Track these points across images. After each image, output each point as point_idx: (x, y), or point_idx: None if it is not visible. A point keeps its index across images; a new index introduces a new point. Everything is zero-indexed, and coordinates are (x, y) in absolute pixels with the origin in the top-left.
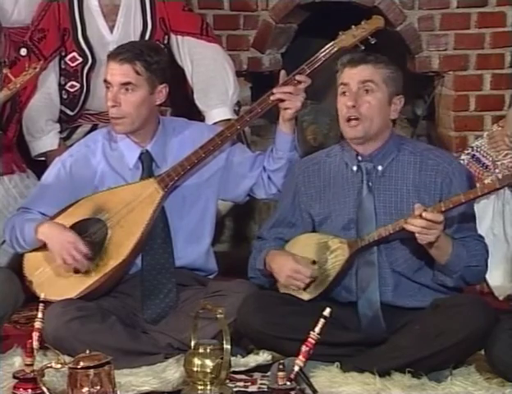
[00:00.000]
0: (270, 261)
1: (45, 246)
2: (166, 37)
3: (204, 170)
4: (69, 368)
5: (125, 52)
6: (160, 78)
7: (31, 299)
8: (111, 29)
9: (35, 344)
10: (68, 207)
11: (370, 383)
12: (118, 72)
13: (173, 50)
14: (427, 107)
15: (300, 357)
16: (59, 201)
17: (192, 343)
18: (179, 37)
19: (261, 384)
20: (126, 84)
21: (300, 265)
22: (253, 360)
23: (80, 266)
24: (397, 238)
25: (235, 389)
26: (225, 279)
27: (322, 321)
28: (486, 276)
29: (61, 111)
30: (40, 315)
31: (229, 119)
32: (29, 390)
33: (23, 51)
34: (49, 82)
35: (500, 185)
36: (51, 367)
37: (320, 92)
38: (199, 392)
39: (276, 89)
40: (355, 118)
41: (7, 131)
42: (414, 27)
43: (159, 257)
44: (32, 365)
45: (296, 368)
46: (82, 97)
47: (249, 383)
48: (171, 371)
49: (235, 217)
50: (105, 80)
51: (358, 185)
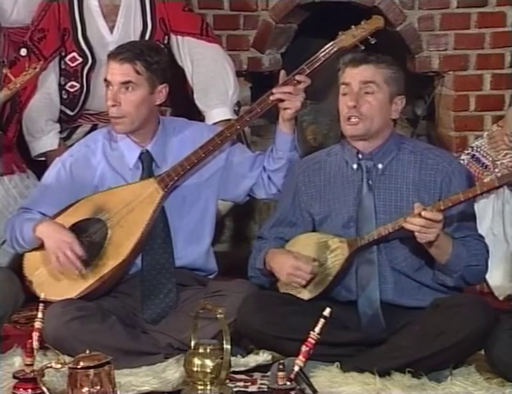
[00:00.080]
0: (270, 260)
1: (44, 246)
2: (166, 37)
3: (204, 170)
4: (69, 368)
5: (125, 51)
6: (160, 78)
7: (31, 299)
8: (111, 29)
9: (35, 344)
10: (68, 207)
11: (370, 383)
12: (118, 72)
13: (173, 50)
14: (427, 107)
15: (300, 357)
16: (59, 201)
17: (192, 343)
18: (179, 37)
19: (261, 384)
20: (126, 83)
21: (301, 262)
22: (253, 360)
23: (73, 267)
24: (397, 237)
25: (235, 389)
26: (225, 279)
27: (322, 321)
28: (486, 276)
29: (61, 111)
30: (40, 315)
31: (229, 119)
32: (29, 390)
33: (23, 51)
34: (49, 82)
35: (499, 183)
36: (51, 367)
37: (320, 92)
38: (199, 392)
39: (275, 89)
40: (356, 117)
41: (7, 131)
42: (414, 27)
43: (159, 257)
44: (32, 365)
45: (296, 368)
46: (82, 97)
47: (249, 383)
48: (171, 371)
49: (235, 217)
50: (105, 80)
51: (358, 183)
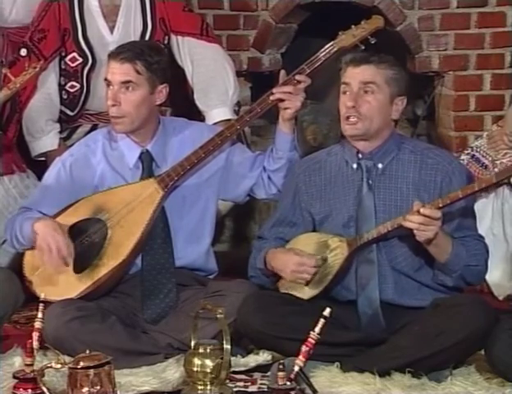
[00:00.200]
0: (271, 259)
1: None
2: (166, 37)
3: (204, 170)
4: (69, 368)
5: (125, 51)
6: (160, 78)
7: (31, 299)
8: (111, 29)
9: (35, 344)
10: (68, 207)
11: (370, 383)
12: (118, 71)
13: (173, 50)
14: (427, 107)
15: (300, 357)
16: (60, 201)
17: (192, 343)
18: (179, 37)
19: (261, 384)
20: (126, 82)
21: (304, 257)
22: (253, 360)
23: (53, 265)
24: (396, 236)
25: (235, 389)
26: (225, 279)
27: (322, 321)
28: (486, 276)
29: (61, 111)
30: (40, 315)
31: (229, 119)
32: (29, 390)
33: (23, 51)
34: (49, 82)
35: (497, 179)
36: (51, 367)
37: (320, 92)
38: (199, 392)
39: (275, 89)
40: (355, 117)
41: (7, 131)
42: (414, 27)
43: (159, 257)
44: (32, 365)
45: (296, 368)
46: (82, 97)
47: (249, 383)
48: (171, 371)
49: (235, 217)
50: (105, 79)
51: (358, 182)
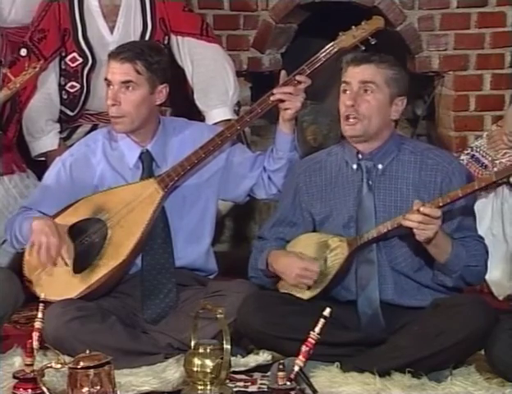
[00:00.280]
0: (273, 262)
1: None
2: (166, 37)
3: (204, 170)
4: (69, 368)
5: (126, 51)
6: (160, 78)
7: (31, 299)
8: (111, 29)
9: (35, 344)
10: (68, 207)
11: (370, 383)
12: (119, 71)
13: (173, 50)
14: (427, 107)
15: (300, 357)
16: (59, 201)
17: (192, 343)
18: (179, 37)
19: (261, 384)
20: (127, 82)
21: (307, 262)
22: (253, 360)
23: (40, 263)
24: (396, 236)
25: (235, 389)
26: (225, 279)
27: (322, 321)
28: (485, 276)
29: (61, 111)
30: (40, 315)
31: (229, 119)
32: (29, 390)
33: (23, 51)
34: (49, 82)
35: (497, 178)
36: (51, 367)
37: (320, 92)
38: (199, 392)
39: (276, 90)
40: (354, 117)
41: (7, 131)
42: (414, 27)
43: (159, 257)
44: (32, 365)
45: (296, 368)
46: (82, 97)
47: (249, 383)
48: (171, 371)
49: (235, 217)
50: (106, 79)
51: (358, 183)
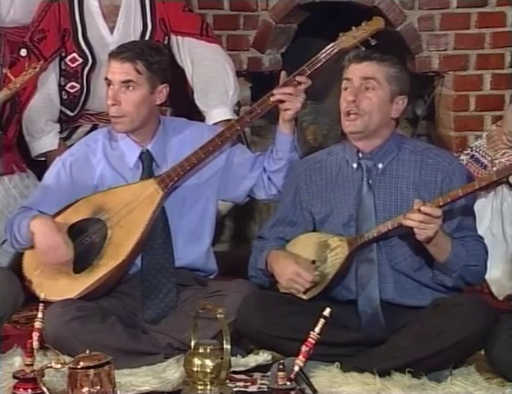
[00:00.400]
0: (272, 262)
1: None
2: (166, 38)
3: (204, 170)
4: (69, 368)
5: (126, 51)
6: (161, 78)
7: (31, 299)
8: (111, 30)
9: (35, 344)
10: (68, 207)
11: (370, 383)
12: (119, 71)
13: (173, 50)
14: (427, 107)
15: (300, 357)
16: (60, 201)
17: (192, 343)
18: (179, 37)
19: (261, 384)
20: (127, 82)
21: (302, 269)
22: (253, 360)
23: (59, 268)
24: (396, 235)
25: (235, 389)
26: (225, 279)
27: (322, 321)
28: (485, 276)
29: (61, 111)
30: (40, 315)
31: (229, 119)
32: (29, 390)
33: (23, 51)
34: (49, 83)
35: (497, 177)
36: (51, 367)
37: (320, 92)
38: (199, 392)
39: (276, 90)
40: (354, 113)
41: (7, 131)
42: (414, 27)
43: (159, 257)
44: (32, 365)
45: (296, 368)
46: (82, 98)
47: (249, 383)
48: (171, 371)
49: (235, 217)
50: (106, 78)
51: (358, 182)
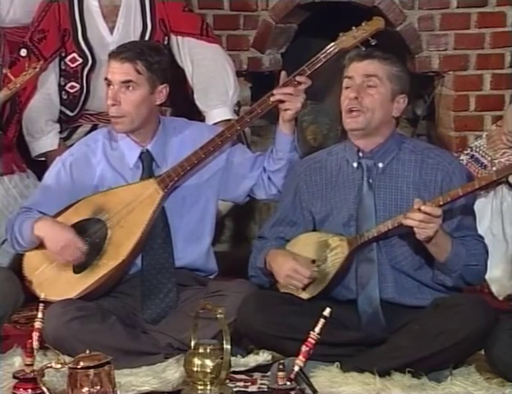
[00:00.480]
0: (270, 260)
1: (44, 246)
2: (166, 38)
3: (204, 170)
4: (69, 368)
5: (126, 51)
6: (161, 78)
7: (31, 299)
8: (111, 30)
9: (35, 344)
10: (68, 207)
11: (370, 383)
12: (119, 71)
13: (173, 50)
14: (427, 107)
15: (300, 357)
16: (60, 201)
17: (192, 343)
18: (179, 37)
19: (261, 384)
20: (127, 82)
21: (299, 265)
22: (253, 360)
23: (77, 262)
24: (396, 234)
25: (235, 389)
26: (225, 279)
27: (322, 321)
28: (485, 276)
29: (61, 111)
30: (40, 315)
31: (229, 119)
32: (29, 390)
33: (23, 51)
34: (49, 83)
35: (497, 176)
36: (51, 367)
37: (320, 92)
38: (199, 392)
39: (276, 90)
40: (357, 110)
41: (7, 131)
42: (414, 27)
43: (159, 257)
44: (32, 365)
45: (296, 368)
46: (82, 98)
47: (249, 383)
48: (171, 371)
49: (235, 217)
50: (106, 79)
51: (358, 181)
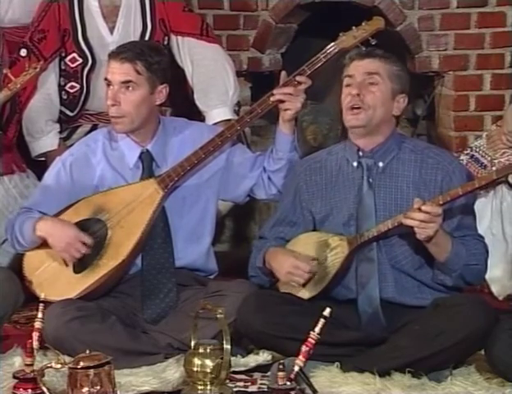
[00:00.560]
0: (270, 259)
1: (45, 245)
2: (166, 38)
3: (204, 170)
4: (69, 368)
5: (126, 51)
6: (160, 78)
7: (31, 299)
8: (111, 30)
9: (35, 344)
10: (68, 207)
11: (370, 383)
12: (118, 71)
13: (173, 51)
14: (427, 107)
15: (300, 357)
16: (60, 201)
17: (192, 343)
18: (179, 37)
19: (261, 384)
20: (126, 82)
21: (299, 261)
22: (253, 360)
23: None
24: (396, 234)
25: (235, 389)
26: (225, 279)
27: (322, 321)
28: (485, 276)
29: (61, 111)
30: (40, 315)
31: (229, 119)
32: (29, 390)
33: (23, 51)
34: (49, 83)
35: (497, 176)
36: (51, 367)
37: (320, 92)
38: (199, 392)
39: (276, 90)
40: (358, 107)
41: (7, 131)
42: (414, 27)
43: (159, 257)
44: (32, 365)
45: (296, 368)
46: (82, 98)
47: (249, 383)
48: (171, 371)
49: (235, 217)
50: (106, 79)
51: (358, 181)
